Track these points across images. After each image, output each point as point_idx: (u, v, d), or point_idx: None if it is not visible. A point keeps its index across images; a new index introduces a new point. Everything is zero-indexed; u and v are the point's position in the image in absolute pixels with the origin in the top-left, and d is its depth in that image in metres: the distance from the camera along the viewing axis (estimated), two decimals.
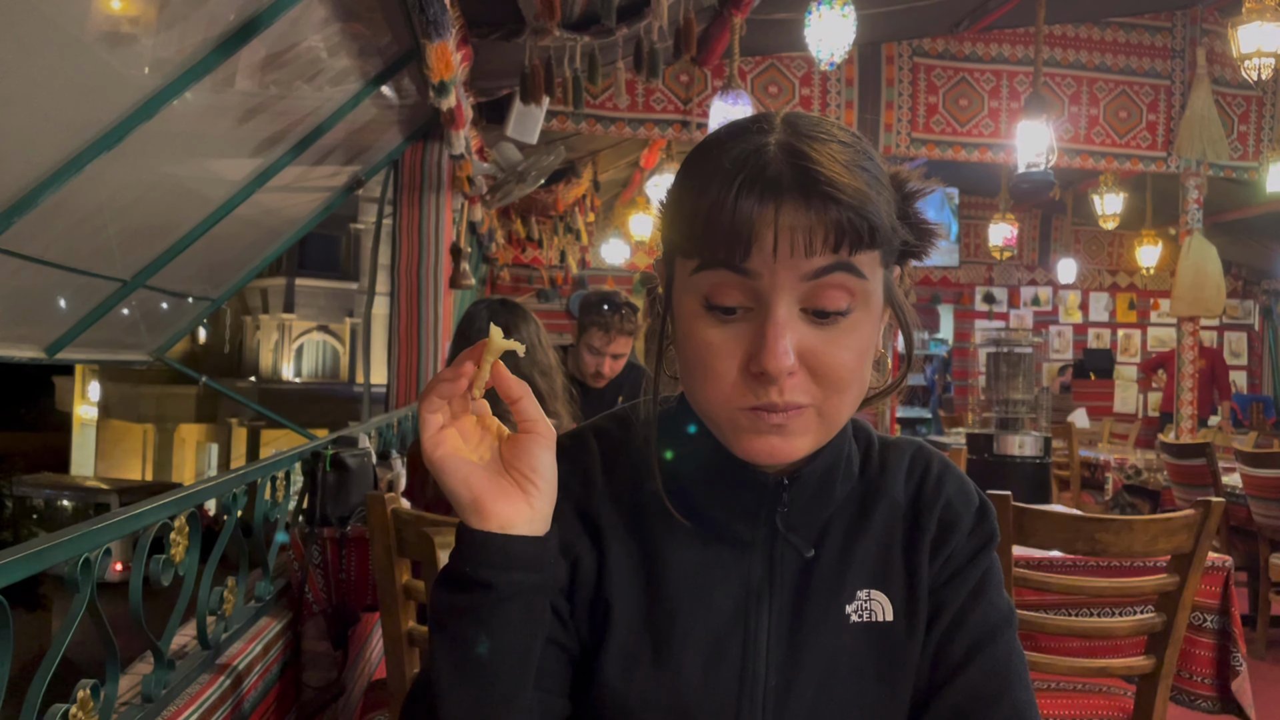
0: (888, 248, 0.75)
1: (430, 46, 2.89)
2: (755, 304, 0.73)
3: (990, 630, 0.83)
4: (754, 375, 0.72)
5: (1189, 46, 6.27)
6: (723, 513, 0.81)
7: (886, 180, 0.76)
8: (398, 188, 4.56)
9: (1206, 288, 6.18)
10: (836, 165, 0.71)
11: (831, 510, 0.84)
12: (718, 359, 0.74)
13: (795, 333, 0.72)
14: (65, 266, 3.21)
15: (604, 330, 3.10)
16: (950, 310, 10.99)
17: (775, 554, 0.82)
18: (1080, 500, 6.51)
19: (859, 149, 0.74)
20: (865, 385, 0.77)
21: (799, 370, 0.73)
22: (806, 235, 0.70)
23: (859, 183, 0.71)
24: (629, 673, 0.80)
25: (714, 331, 0.74)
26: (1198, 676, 2.36)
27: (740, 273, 0.72)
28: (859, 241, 0.71)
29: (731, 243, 0.71)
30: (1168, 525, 2.00)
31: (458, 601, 0.71)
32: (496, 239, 7.66)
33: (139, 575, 1.50)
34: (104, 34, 2.26)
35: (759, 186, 0.71)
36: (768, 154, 0.72)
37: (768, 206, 0.70)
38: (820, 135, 0.73)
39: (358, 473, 2.62)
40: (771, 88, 5.86)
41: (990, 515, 0.87)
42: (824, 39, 3.93)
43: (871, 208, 0.71)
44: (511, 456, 0.73)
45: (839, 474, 0.83)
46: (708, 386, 0.75)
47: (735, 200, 0.71)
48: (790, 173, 0.71)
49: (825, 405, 0.74)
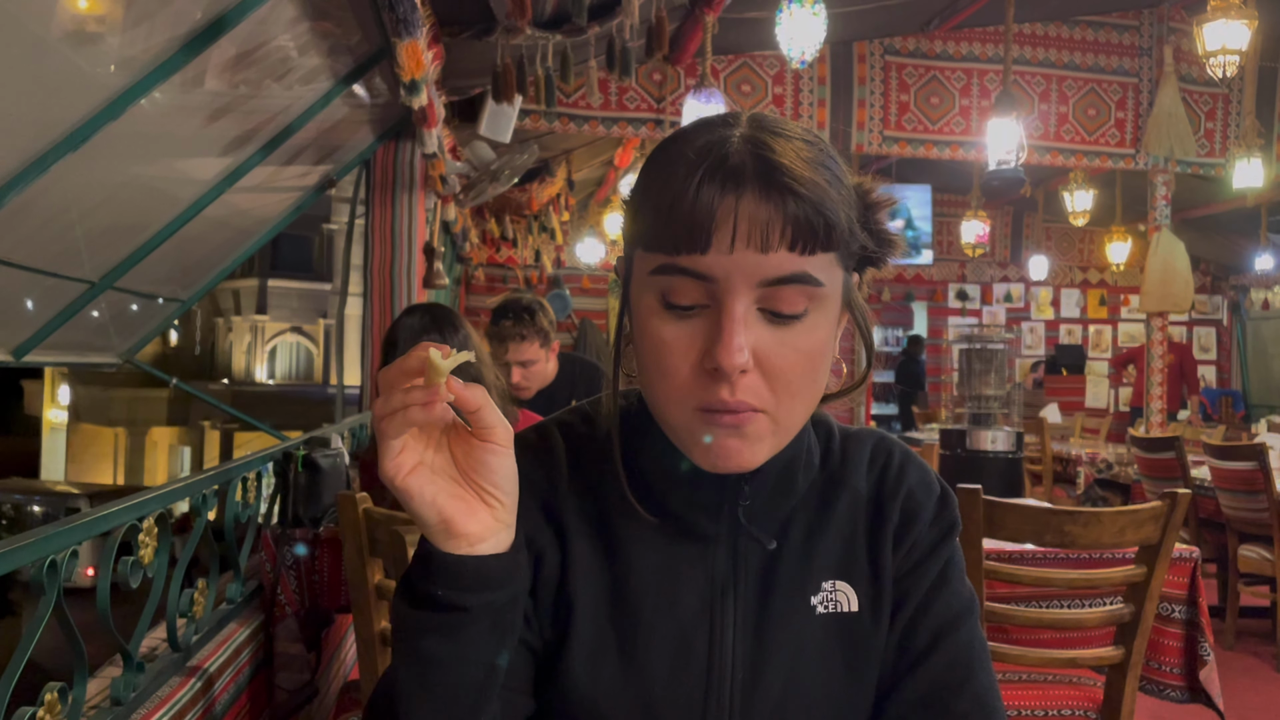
0: (845, 250, 0.75)
1: (401, 45, 2.88)
2: (711, 302, 0.72)
3: (953, 618, 0.84)
4: (707, 372, 0.72)
5: (1156, 45, 6.34)
6: (685, 507, 0.81)
7: (849, 184, 0.76)
8: (370, 187, 4.54)
9: (1175, 283, 6.25)
10: (799, 161, 0.71)
11: (794, 503, 0.84)
12: (672, 356, 0.73)
13: (751, 331, 0.72)
14: (31, 268, 3.18)
15: (499, 342, 3.03)
16: (924, 307, 11.06)
17: (739, 548, 0.82)
18: (1052, 494, 6.58)
19: (821, 149, 0.75)
20: (819, 389, 0.77)
21: (752, 370, 0.72)
22: (764, 229, 0.70)
23: (819, 179, 0.72)
24: (595, 669, 0.80)
25: (669, 328, 0.73)
26: (1166, 666, 2.39)
27: (697, 270, 0.71)
28: (814, 239, 0.71)
29: (692, 232, 0.71)
30: (1135, 517, 2.03)
31: (425, 620, 0.69)
32: (471, 238, 7.63)
33: (107, 577, 1.49)
34: (69, 32, 2.24)
35: (720, 176, 0.71)
36: (731, 145, 0.72)
37: (729, 196, 0.70)
38: (784, 132, 0.74)
39: (330, 473, 2.60)
40: (744, 86, 5.87)
41: (951, 504, 0.87)
42: (795, 38, 3.95)
43: (830, 206, 0.72)
44: (470, 467, 0.70)
45: (799, 466, 0.83)
46: (663, 383, 0.74)
47: (697, 189, 0.71)
48: (753, 164, 0.71)
49: (778, 412, 0.74)
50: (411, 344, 2.30)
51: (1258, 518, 4.29)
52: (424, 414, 0.66)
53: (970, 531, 2.07)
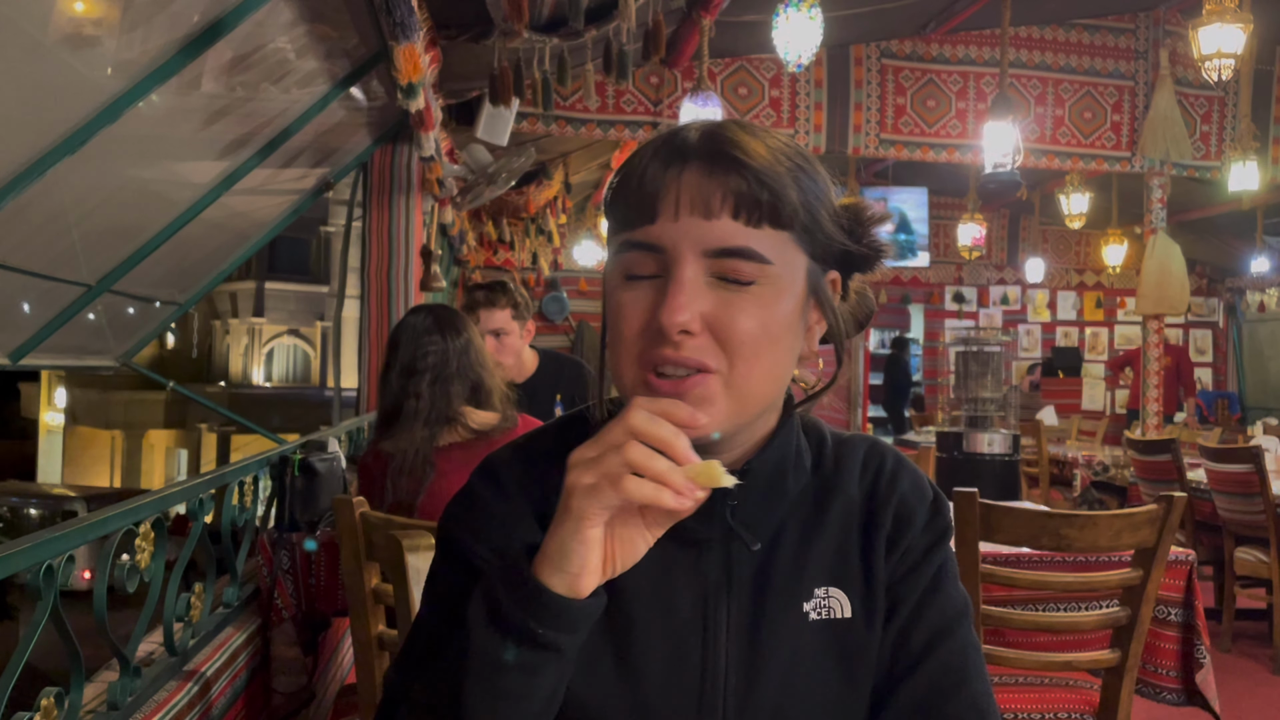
0: (807, 237, 0.77)
1: (398, 48, 2.88)
2: (664, 272, 0.75)
3: (947, 624, 0.84)
4: (654, 333, 0.73)
5: (1152, 48, 6.35)
6: None
7: (820, 183, 0.78)
8: (367, 190, 4.53)
9: (1171, 286, 6.26)
10: (752, 143, 0.75)
11: (786, 506, 0.84)
12: (624, 320, 0.75)
13: (701, 297, 0.73)
14: (28, 271, 3.18)
15: (470, 311, 3.01)
16: (920, 310, 11.07)
17: (732, 553, 0.82)
18: (1049, 497, 6.58)
19: (793, 147, 0.78)
20: (783, 369, 0.78)
21: (702, 333, 0.73)
22: (705, 195, 0.73)
23: (770, 158, 0.75)
24: (589, 674, 0.79)
25: (626, 294, 0.76)
26: (1162, 669, 2.39)
27: (648, 241, 0.74)
28: (758, 209, 0.74)
29: (640, 208, 0.74)
30: (1131, 520, 2.03)
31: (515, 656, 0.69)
32: (468, 241, 7.63)
33: (103, 582, 1.49)
34: (66, 36, 2.24)
35: (667, 153, 0.75)
36: (686, 132, 0.77)
37: (674, 168, 0.74)
38: (749, 128, 0.77)
39: (326, 477, 2.60)
40: (741, 89, 5.88)
41: (944, 509, 0.87)
42: (792, 41, 3.96)
43: (777, 181, 0.74)
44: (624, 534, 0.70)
45: (790, 468, 0.83)
46: (618, 347, 0.76)
47: (646, 168, 0.75)
48: (700, 143, 0.75)
49: (732, 374, 0.74)
50: (415, 344, 2.30)
51: (1254, 520, 4.29)
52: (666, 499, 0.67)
53: (967, 535, 2.07)
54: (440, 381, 2.18)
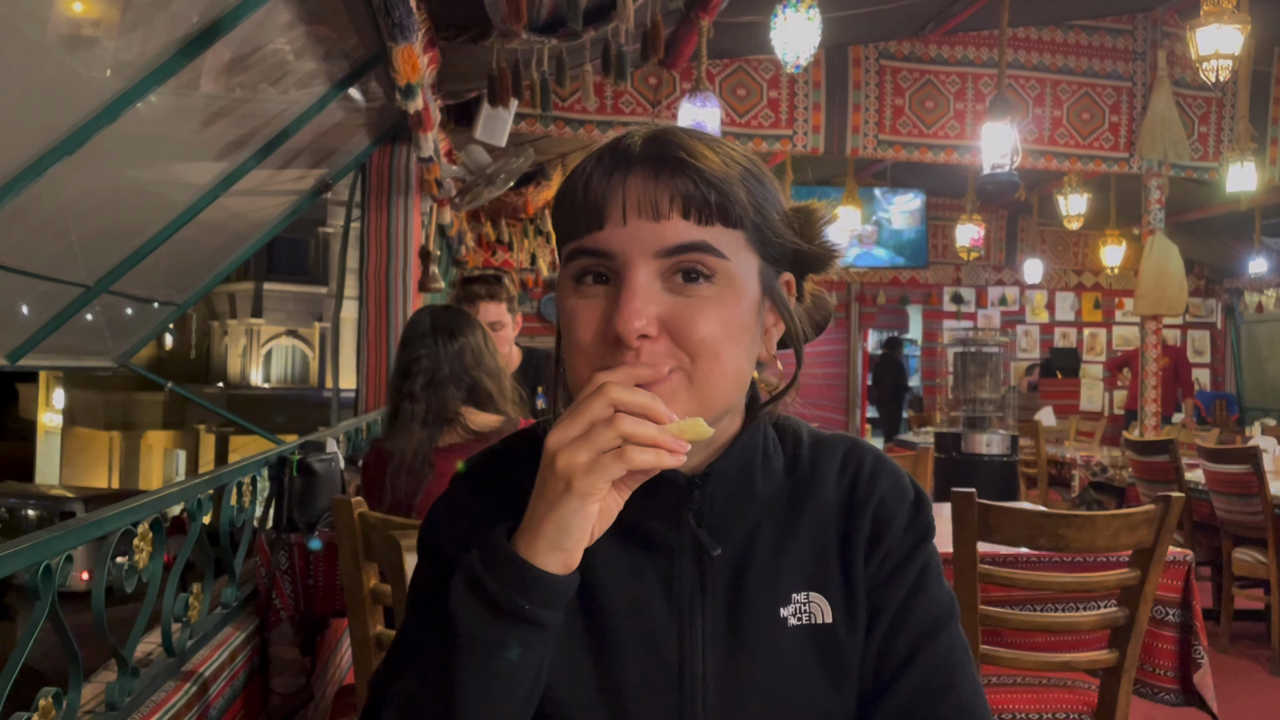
0: (757, 236, 0.77)
1: (396, 49, 2.88)
2: (615, 278, 0.74)
3: (932, 625, 0.82)
4: (611, 341, 0.73)
5: (1150, 49, 6.36)
6: (642, 516, 0.79)
7: (767, 184, 0.78)
8: (365, 191, 4.53)
9: (1169, 287, 6.27)
10: (698, 146, 0.75)
11: (757, 510, 0.83)
12: (578, 327, 0.75)
13: (655, 301, 0.73)
14: (26, 272, 3.17)
15: (470, 303, 3.04)
16: (919, 311, 11.07)
17: (704, 558, 0.81)
18: (1047, 497, 6.59)
19: (742, 153, 0.78)
20: (742, 367, 0.77)
21: (660, 337, 0.73)
22: (654, 197, 0.73)
23: (715, 158, 0.74)
24: (567, 683, 0.79)
25: (578, 302, 0.75)
26: (1160, 670, 2.40)
27: (597, 248, 0.74)
28: (707, 207, 0.73)
29: (588, 215, 0.74)
30: (1129, 520, 2.03)
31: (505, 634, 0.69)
32: (466, 242, 7.63)
33: (102, 582, 1.49)
34: (65, 36, 2.24)
35: (611, 160, 0.75)
36: (629, 139, 0.76)
37: (618, 174, 0.74)
38: (693, 133, 0.77)
39: (325, 478, 2.60)
40: (739, 90, 5.88)
41: (925, 509, 0.86)
42: (790, 42, 3.96)
43: (726, 181, 0.74)
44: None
45: (756, 469, 0.82)
46: (573, 356, 0.75)
47: (590, 175, 0.75)
48: (643, 148, 0.75)
49: (695, 371, 0.73)
50: (410, 346, 2.30)
51: (1252, 521, 4.30)
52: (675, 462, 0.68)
53: (965, 535, 2.07)
54: (434, 385, 2.20)
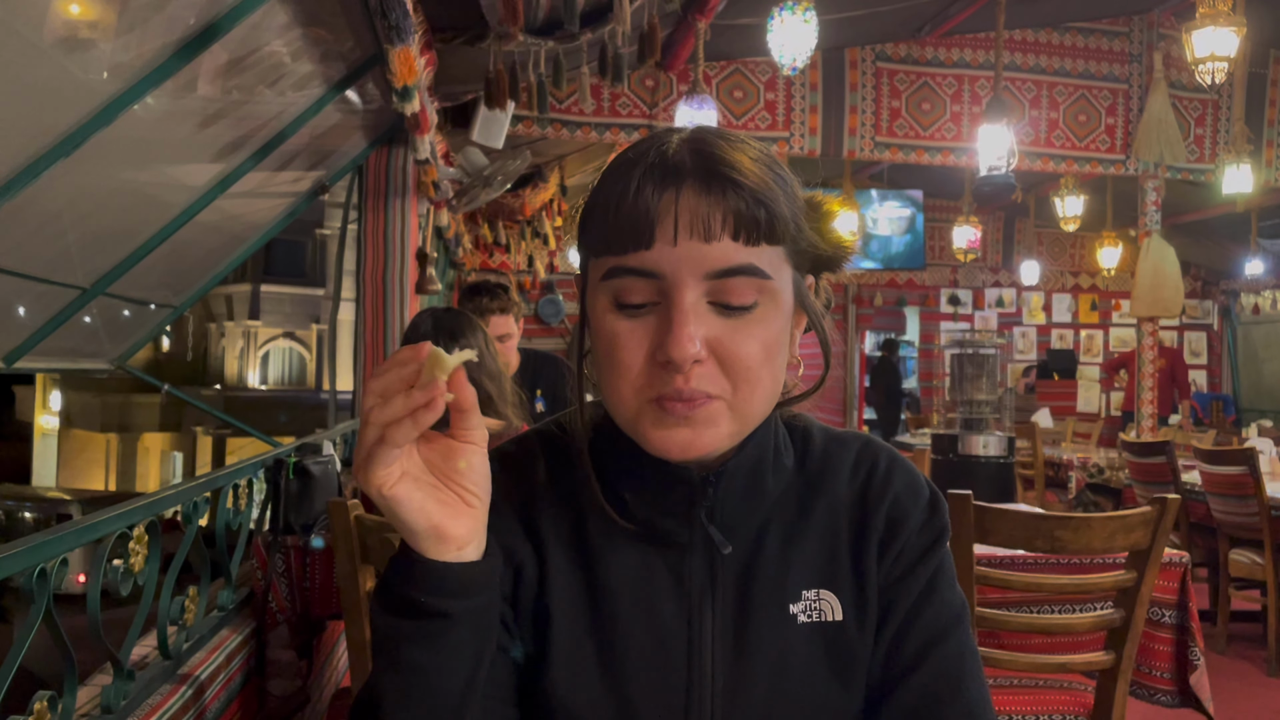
0: (793, 247, 0.76)
1: (393, 51, 2.88)
2: (661, 298, 0.73)
3: (943, 628, 0.82)
4: (660, 365, 0.72)
5: (1146, 51, 6.37)
6: (655, 513, 0.80)
7: (795, 189, 0.77)
8: (363, 193, 4.53)
9: (1165, 288, 6.28)
10: (740, 157, 0.73)
11: (767, 507, 0.83)
12: (624, 350, 0.74)
13: (703, 324, 0.72)
14: (23, 274, 3.17)
15: (481, 316, 3.03)
16: (916, 312, 11.08)
17: (715, 555, 0.81)
18: (1044, 499, 6.60)
19: (767, 154, 0.77)
20: (778, 383, 0.77)
21: (708, 360, 0.73)
22: (705, 219, 0.71)
23: (760, 173, 0.73)
24: (575, 680, 0.79)
25: (621, 324, 0.74)
26: (1157, 671, 2.40)
27: (644, 267, 0.72)
28: (757, 228, 0.72)
29: (636, 229, 0.72)
30: (1125, 522, 2.03)
31: (408, 628, 0.69)
32: (464, 244, 7.63)
33: (97, 585, 1.49)
34: (62, 38, 2.23)
35: (659, 173, 0.72)
36: (670, 147, 0.74)
37: (669, 190, 0.72)
38: (726, 136, 0.76)
39: (321, 480, 2.59)
40: (736, 92, 5.88)
41: (941, 509, 0.85)
42: (787, 44, 3.96)
43: (771, 197, 0.73)
44: (449, 470, 0.69)
45: (768, 468, 0.82)
46: (616, 379, 0.74)
47: (638, 188, 0.72)
48: (691, 160, 0.73)
49: (735, 399, 0.74)
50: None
51: (1248, 522, 4.30)
52: (430, 417, 0.64)
53: (961, 537, 2.07)
54: None
